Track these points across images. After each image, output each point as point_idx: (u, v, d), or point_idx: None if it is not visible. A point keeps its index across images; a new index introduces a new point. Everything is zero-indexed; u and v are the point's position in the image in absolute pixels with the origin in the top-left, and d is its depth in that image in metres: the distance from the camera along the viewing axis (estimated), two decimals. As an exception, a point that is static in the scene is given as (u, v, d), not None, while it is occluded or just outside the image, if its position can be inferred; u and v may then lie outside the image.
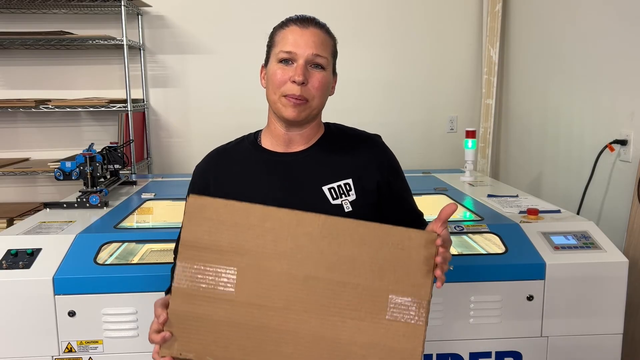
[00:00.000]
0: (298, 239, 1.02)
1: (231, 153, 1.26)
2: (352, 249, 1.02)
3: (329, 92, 1.21)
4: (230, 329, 1.02)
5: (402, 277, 1.01)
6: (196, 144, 3.39)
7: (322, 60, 1.15)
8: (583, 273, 1.63)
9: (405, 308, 1.01)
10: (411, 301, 1.01)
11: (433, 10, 3.38)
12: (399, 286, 1.01)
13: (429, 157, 3.49)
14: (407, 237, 1.02)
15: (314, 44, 1.14)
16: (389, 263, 1.01)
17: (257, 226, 1.02)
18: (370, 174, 1.22)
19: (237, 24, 3.25)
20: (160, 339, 1.02)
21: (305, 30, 1.15)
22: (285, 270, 1.02)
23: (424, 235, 1.02)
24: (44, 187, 3.32)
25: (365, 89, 3.40)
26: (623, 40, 2.18)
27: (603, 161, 2.28)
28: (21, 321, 1.54)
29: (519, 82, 3.13)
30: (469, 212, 1.98)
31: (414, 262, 1.01)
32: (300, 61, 1.13)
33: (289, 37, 1.15)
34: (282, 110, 1.16)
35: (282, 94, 1.15)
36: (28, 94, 3.22)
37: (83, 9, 3.13)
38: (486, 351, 1.64)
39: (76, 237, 1.67)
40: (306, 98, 1.14)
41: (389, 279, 1.01)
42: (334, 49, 1.22)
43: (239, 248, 1.02)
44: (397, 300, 1.01)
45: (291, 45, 1.14)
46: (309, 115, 1.17)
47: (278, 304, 1.02)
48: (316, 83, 1.15)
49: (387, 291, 1.01)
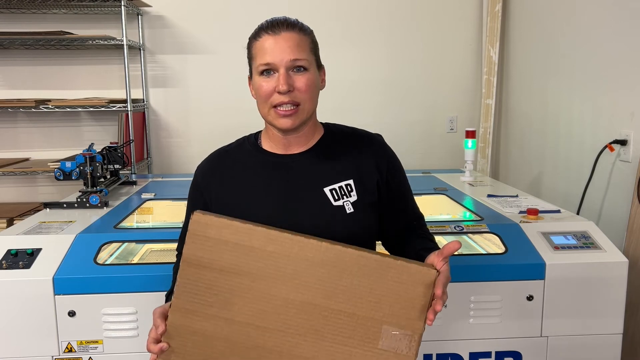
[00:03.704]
0: (298, 264, 1.03)
1: (232, 155, 1.26)
2: (351, 279, 1.03)
3: (319, 88, 1.21)
4: (226, 346, 1.05)
5: (398, 311, 1.04)
6: (196, 144, 3.39)
7: (303, 62, 1.14)
8: (583, 273, 1.63)
9: (397, 339, 1.04)
10: (404, 334, 1.04)
11: (433, 11, 3.38)
12: (393, 319, 1.04)
13: (429, 157, 3.50)
14: (406, 272, 1.03)
15: (289, 49, 1.13)
16: (386, 296, 1.03)
17: (259, 249, 1.03)
18: (371, 173, 1.21)
19: (237, 24, 3.25)
20: (158, 350, 1.06)
21: (277, 37, 1.13)
22: (284, 294, 1.04)
23: (423, 271, 1.03)
24: (44, 187, 3.32)
25: (365, 89, 3.40)
26: (623, 40, 2.18)
27: (603, 161, 2.28)
28: (21, 321, 1.54)
29: (519, 82, 3.13)
30: (469, 212, 1.98)
31: (410, 297, 1.03)
32: (281, 70, 1.12)
33: (264, 47, 1.14)
34: (274, 122, 1.16)
35: (272, 105, 1.14)
36: (28, 94, 3.23)
37: (83, 9, 3.13)
38: (486, 351, 1.64)
39: (76, 237, 1.67)
40: (297, 103, 1.14)
41: (385, 311, 1.04)
42: (312, 44, 1.19)
43: (240, 269, 1.04)
44: (390, 331, 1.04)
45: (268, 56, 1.13)
46: (303, 120, 1.17)
47: (274, 326, 1.04)
48: (302, 87, 1.14)
49: (381, 322, 1.04)
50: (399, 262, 1.03)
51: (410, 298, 1.03)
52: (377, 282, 1.03)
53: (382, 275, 1.03)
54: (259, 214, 1.15)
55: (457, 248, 1.03)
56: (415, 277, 1.03)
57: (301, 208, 1.16)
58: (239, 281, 1.04)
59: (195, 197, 1.25)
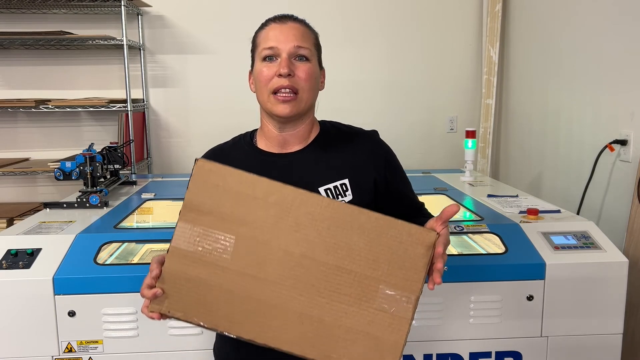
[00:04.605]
0: (299, 218, 1.02)
1: (228, 153, 1.26)
2: (350, 236, 1.02)
3: (318, 86, 1.21)
4: (221, 294, 1.03)
5: (396, 270, 1.02)
6: (196, 144, 3.39)
7: (305, 51, 1.16)
8: (583, 273, 1.63)
9: (394, 300, 1.02)
10: (401, 294, 1.02)
11: (433, 11, 3.38)
12: (391, 278, 1.02)
13: (429, 157, 3.50)
14: (406, 232, 1.02)
15: (294, 36, 1.15)
16: (385, 255, 1.02)
17: (261, 199, 1.02)
18: (367, 171, 1.21)
19: (237, 24, 3.25)
20: (152, 295, 1.03)
21: (284, 25, 1.17)
22: (283, 246, 1.02)
23: (424, 232, 1.02)
24: (44, 187, 3.32)
25: (365, 89, 3.40)
26: (623, 40, 2.18)
27: (603, 161, 2.28)
28: (21, 321, 1.54)
29: (519, 82, 3.13)
30: (469, 212, 1.98)
31: (409, 258, 1.02)
32: (284, 55, 1.14)
33: (269, 34, 1.17)
34: (273, 108, 1.16)
35: (271, 90, 1.15)
36: (28, 94, 3.23)
37: (83, 9, 3.13)
38: (486, 351, 1.64)
39: (76, 237, 1.67)
40: (295, 89, 1.14)
41: (383, 270, 1.02)
42: (317, 41, 1.22)
43: (240, 218, 1.02)
44: (387, 291, 1.02)
45: (273, 41, 1.15)
46: (300, 110, 1.17)
47: (270, 278, 1.02)
48: (303, 74, 1.15)
49: (378, 281, 1.02)
50: (399, 222, 1.02)
51: (409, 258, 1.01)
52: (376, 240, 1.01)
53: (382, 233, 1.01)
54: None
55: (456, 211, 1.03)
56: (416, 237, 1.01)
57: None
58: (239, 230, 1.02)
59: None
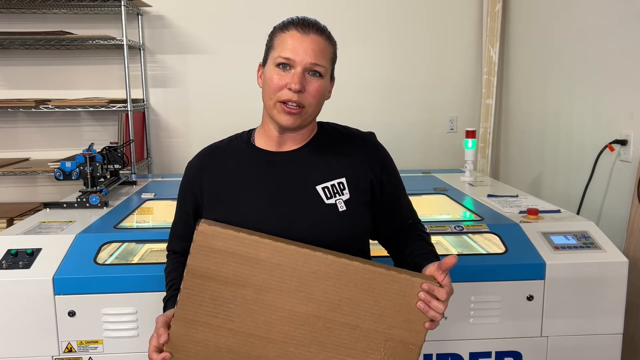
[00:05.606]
0: (303, 277, 1.03)
1: (224, 151, 1.25)
2: (355, 292, 1.04)
3: (325, 98, 1.21)
4: (229, 356, 1.05)
5: (400, 323, 1.05)
6: (196, 144, 3.37)
7: (321, 69, 1.14)
8: (583, 273, 1.63)
9: (398, 351, 1.05)
10: (405, 345, 1.05)
11: (433, 11, 3.38)
12: (395, 330, 1.05)
13: (429, 157, 3.50)
14: (410, 285, 1.04)
15: (313, 52, 1.12)
16: (390, 309, 1.04)
17: (265, 261, 1.03)
18: (364, 172, 1.21)
19: (237, 24, 3.25)
20: (160, 359, 1.06)
21: (305, 37, 1.13)
22: (288, 306, 1.04)
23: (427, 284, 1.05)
24: (44, 187, 3.32)
25: (365, 89, 3.40)
26: (623, 40, 2.18)
27: (603, 161, 2.28)
28: (21, 321, 1.54)
29: (519, 82, 3.13)
30: (469, 212, 1.98)
31: (413, 310, 1.04)
32: (298, 69, 1.12)
33: (288, 42, 1.13)
34: (276, 116, 1.15)
35: (278, 99, 1.13)
36: (28, 94, 3.23)
37: (83, 9, 3.13)
38: (486, 351, 1.64)
39: (76, 237, 1.67)
40: (302, 105, 1.13)
41: (387, 323, 1.05)
42: (334, 55, 1.20)
43: (245, 281, 1.04)
44: (392, 343, 1.05)
45: (290, 52, 1.12)
46: (303, 122, 1.17)
47: (278, 337, 1.05)
48: (313, 91, 1.13)
49: (384, 334, 1.05)
50: (403, 275, 1.04)
51: (413, 311, 1.04)
52: (381, 295, 1.04)
53: (386, 288, 1.04)
54: (251, 212, 1.15)
55: (454, 263, 1.05)
56: (419, 290, 1.04)
57: (293, 206, 1.16)
58: (244, 292, 1.04)
59: (186, 194, 1.25)
